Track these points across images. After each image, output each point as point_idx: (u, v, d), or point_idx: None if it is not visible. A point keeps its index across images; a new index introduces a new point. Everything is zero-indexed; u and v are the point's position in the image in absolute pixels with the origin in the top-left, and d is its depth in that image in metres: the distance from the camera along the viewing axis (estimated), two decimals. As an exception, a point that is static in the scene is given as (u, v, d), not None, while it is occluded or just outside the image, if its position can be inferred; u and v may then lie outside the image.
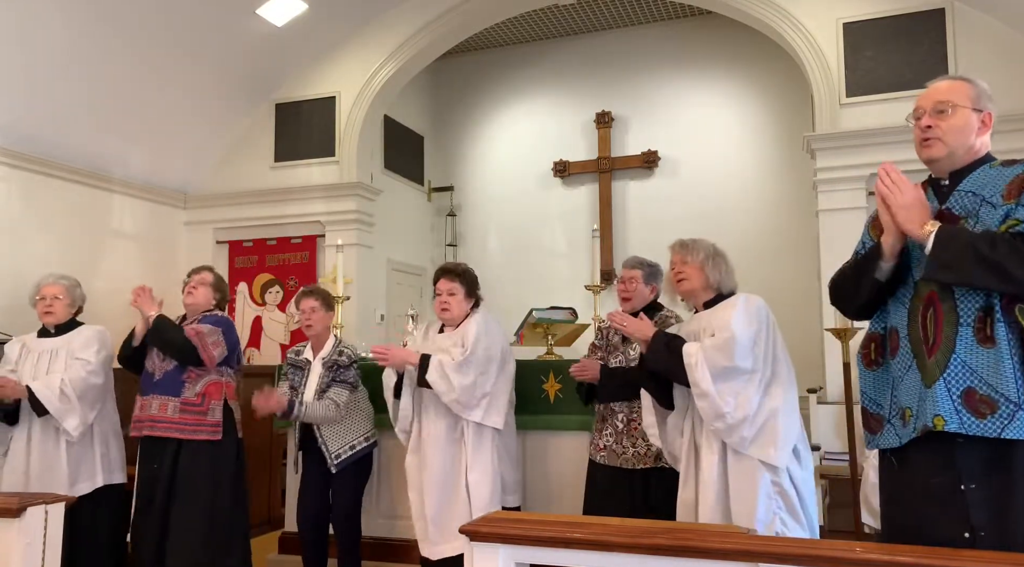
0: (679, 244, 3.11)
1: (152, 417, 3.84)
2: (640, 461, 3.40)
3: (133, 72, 6.23)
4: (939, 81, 2.20)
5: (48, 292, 4.01)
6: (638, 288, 3.59)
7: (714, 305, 3.02)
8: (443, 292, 3.73)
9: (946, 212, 2.08)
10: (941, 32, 5.78)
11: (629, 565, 1.86)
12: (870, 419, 2.19)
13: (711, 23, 8.03)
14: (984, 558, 1.67)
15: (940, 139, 2.11)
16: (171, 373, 3.88)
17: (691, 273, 3.03)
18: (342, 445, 3.99)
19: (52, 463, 3.85)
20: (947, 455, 1.97)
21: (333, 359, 4.06)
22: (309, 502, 4.07)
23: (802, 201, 7.27)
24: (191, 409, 3.85)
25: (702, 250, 3.04)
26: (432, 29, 7.09)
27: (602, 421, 3.57)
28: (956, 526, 1.93)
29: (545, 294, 6.70)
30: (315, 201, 7.23)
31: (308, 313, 4.09)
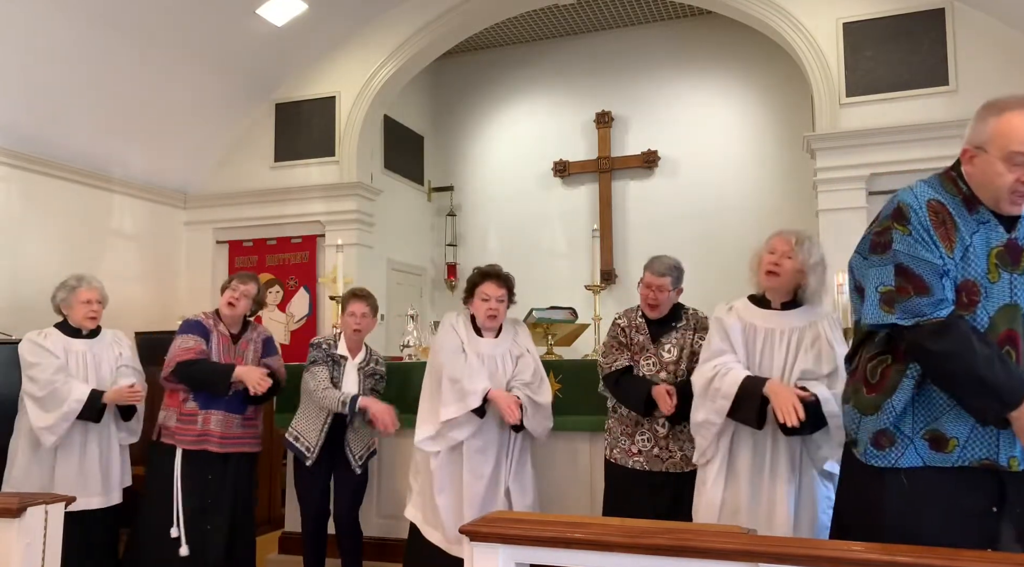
0: (795, 237, 2.91)
1: (223, 434, 3.90)
2: (689, 464, 3.30)
3: (133, 72, 6.23)
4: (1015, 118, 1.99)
5: (92, 296, 4.03)
6: (668, 297, 3.44)
7: (793, 307, 2.93)
8: (492, 298, 3.59)
9: (1014, 242, 2.01)
10: (941, 32, 5.78)
11: (629, 565, 1.86)
12: (880, 435, 2.09)
13: (711, 23, 8.03)
14: (984, 558, 1.67)
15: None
16: (240, 392, 3.93)
17: (788, 271, 2.88)
18: (363, 447, 4.04)
19: (110, 465, 3.99)
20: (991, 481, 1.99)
21: (372, 367, 4.09)
22: (311, 501, 4.07)
23: (802, 201, 7.27)
24: (250, 424, 4.02)
25: (816, 254, 2.89)
26: (432, 29, 7.09)
27: (635, 425, 3.44)
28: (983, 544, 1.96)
29: (545, 294, 6.68)
30: (315, 201, 7.23)
31: (359, 318, 4.03)
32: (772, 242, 2.94)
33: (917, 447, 2.05)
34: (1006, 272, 1.99)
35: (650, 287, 3.44)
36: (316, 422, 3.97)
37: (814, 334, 2.85)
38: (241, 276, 4.14)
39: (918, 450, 2.05)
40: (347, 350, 4.07)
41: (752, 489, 2.85)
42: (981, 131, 2.01)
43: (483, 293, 3.61)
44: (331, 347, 4.07)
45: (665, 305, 3.46)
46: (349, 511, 4.06)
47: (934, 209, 2.01)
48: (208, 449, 3.86)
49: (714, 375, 2.89)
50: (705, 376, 2.93)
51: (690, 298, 3.71)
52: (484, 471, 3.49)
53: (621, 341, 3.54)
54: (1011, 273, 1.99)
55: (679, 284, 3.49)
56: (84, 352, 3.98)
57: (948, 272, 1.98)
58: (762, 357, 2.91)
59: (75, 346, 3.98)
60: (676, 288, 3.48)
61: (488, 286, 3.60)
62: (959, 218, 2.01)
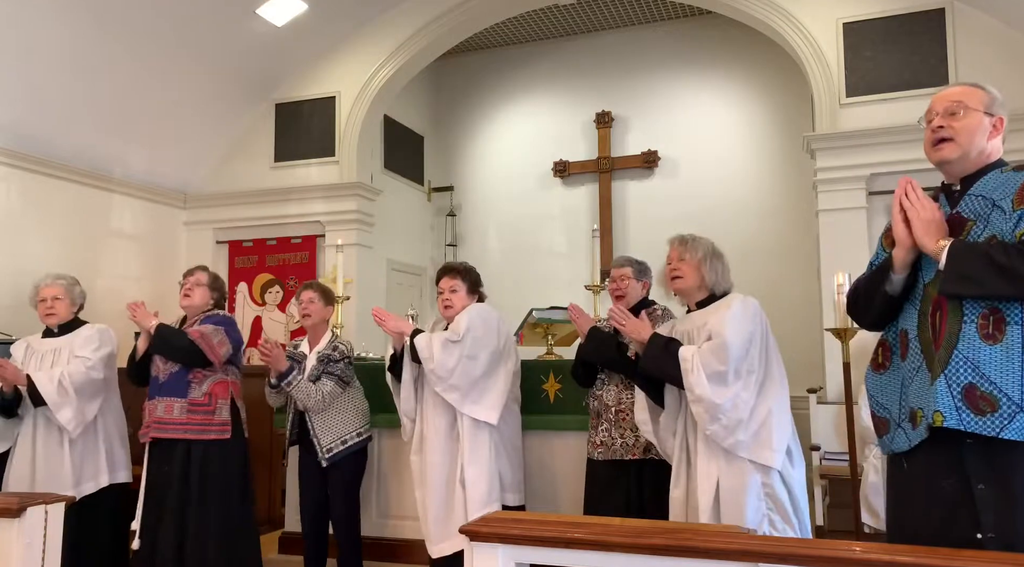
0: (678, 240, 3.09)
1: (159, 420, 3.85)
2: (628, 452, 3.44)
3: (133, 72, 6.23)
4: (952, 86, 2.22)
5: (47, 293, 4.01)
6: (631, 285, 3.63)
7: (707, 304, 3.01)
8: (445, 290, 3.77)
9: (957, 216, 2.09)
10: (941, 32, 5.78)
11: (629, 565, 1.86)
12: (878, 422, 2.20)
13: (711, 23, 8.03)
14: (984, 558, 1.67)
15: (953, 140, 2.11)
16: (176, 374, 3.88)
17: (687, 271, 3.02)
18: (333, 439, 4.01)
19: (57, 463, 3.85)
20: (956, 456, 1.97)
21: (326, 353, 4.10)
22: (308, 499, 4.09)
23: (802, 201, 7.27)
24: (199, 409, 3.86)
25: (701, 249, 3.01)
26: (432, 29, 7.09)
27: (597, 417, 3.58)
28: (967, 529, 1.93)
29: (545, 294, 6.69)
30: (315, 201, 7.23)
31: (306, 304, 4.17)
32: (668, 255, 3.12)
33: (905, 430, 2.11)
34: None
35: (613, 279, 3.68)
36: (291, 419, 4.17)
37: (709, 324, 2.92)
38: (189, 270, 4.15)
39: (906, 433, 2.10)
40: (308, 345, 4.20)
41: (691, 485, 2.92)
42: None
43: (439, 287, 3.82)
44: (295, 348, 4.23)
45: (631, 295, 3.62)
46: (340, 508, 4.06)
47: None
48: (155, 437, 3.85)
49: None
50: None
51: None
52: (435, 459, 3.63)
53: None
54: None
55: (643, 277, 3.67)
56: (51, 350, 3.98)
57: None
58: None
59: (43, 346, 4.00)
60: (641, 280, 3.66)
61: (443, 280, 3.81)
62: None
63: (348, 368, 4.12)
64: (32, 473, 3.85)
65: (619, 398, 3.50)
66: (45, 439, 3.88)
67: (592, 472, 3.62)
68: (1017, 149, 5.24)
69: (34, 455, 3.87)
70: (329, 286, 4.96)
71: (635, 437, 3.42)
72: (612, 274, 3.70)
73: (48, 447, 3.87)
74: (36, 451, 3.87)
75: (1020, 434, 1.88)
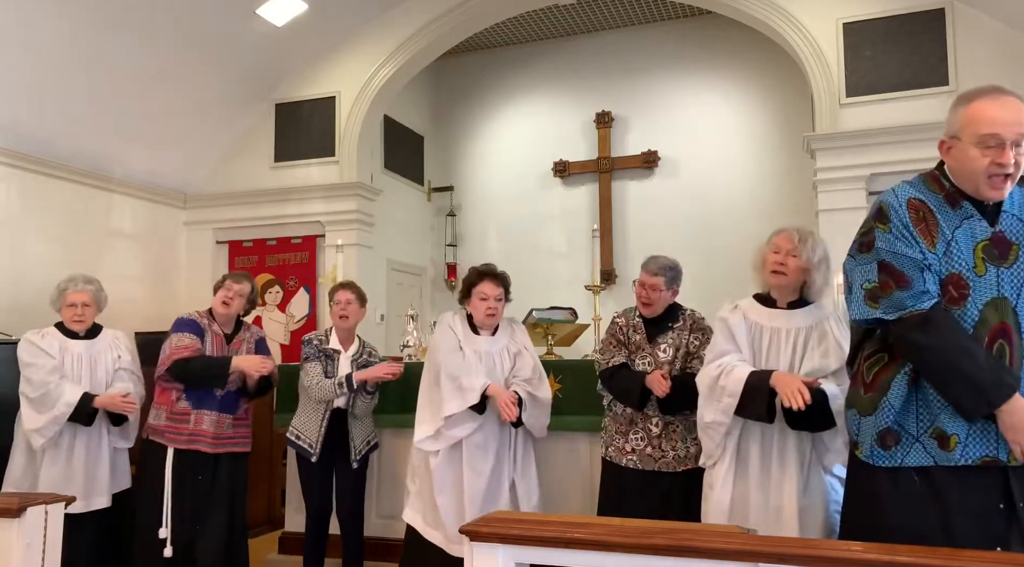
0: (797, 234, 2.85)
1: (215, 434, 3.86)
2: (681, 464, 3.34)
3: (133, 72, 6.23)
4: (1013, 102, 2.00)
5: (78, 299, 3.98)
6: (661, 296, 3.45)
7: (799, 306, 2.89)
8: (490, 297, 3.61)
9: (1001, 236, 2.03)
10: (941, 32, 5.78)
11: (629, 565, 1.86)
12: (886, 434, 2.11)
13: (711, 23, 8.03)
14: (984, 558, 1.66)
15: (1013, 177, 2.00)
16: (232, 393, 3.93)
17: (794, 269, 2.83)
18: (363, 441, 4.06)
19: (97, 470, 3.92)
20: (1000, 478, 1.99)
21: (366, 359, 4.10)
22: (316, 497, 4.08)
23: (802, 201, 7.27)
24: (241, 424, 3.99)
25: (820, 250, 2.84)
26: (432, 29, 7.09)
27: (628, 424, 3.46)
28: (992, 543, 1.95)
29: (545, 294, 6.69)
30: (315, 201, 7.23)
31: (344, 305, 4.09)
32: (776, 240, 2.90)
33: (926, 445, 2.06)
34: (992, 265, 2.01)
35: (644, 286, 3.47)
36: (315, 418, 3.99)
37: (821, 332, 2.82)
38: (235, 275, 4.13)
39: (927, 448, 2.06)
40: (339, 343, 4.11)
41: (760, 491, 2.82)
42: (954, 121, 2.07)
43: (481, 292, 3.62)
44: (323, 342, 4.10)
45: (659, 304, 3.47)
46: (351, 507, 4.07)
47: (914, 207, 2.06)
48: (199, 449, 3.83)
49: (719, 374, 2.85)
50: (710, 375, 2.89)
51: (690, 297, 3.71)
52: (484, 468, 3.50)
53: (619, 339, 3.56)
54: (998, 266, 2.01)
55: (674, 284, 3.50)
56: (81, 354, 3.96)
57: (930, 266, 2.03)
58: (768, 356, 2.88)
59: (72, 347, 3.96)
60: (671, 288, 3.49)
61: (486, 285, 3.62)
62: (940, 214, 2.05)
63: None
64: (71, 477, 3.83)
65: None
66: (96, 447, 3.92)
67: (615, 478, 3.48)
68: (1017, 149, 5.26)
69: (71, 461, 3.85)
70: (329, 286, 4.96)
71: (686, 448, 3.32)
72: (642, 279, 3.49)
73: (97, 455, 3.92)
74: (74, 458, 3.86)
75: None
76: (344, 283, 4.28)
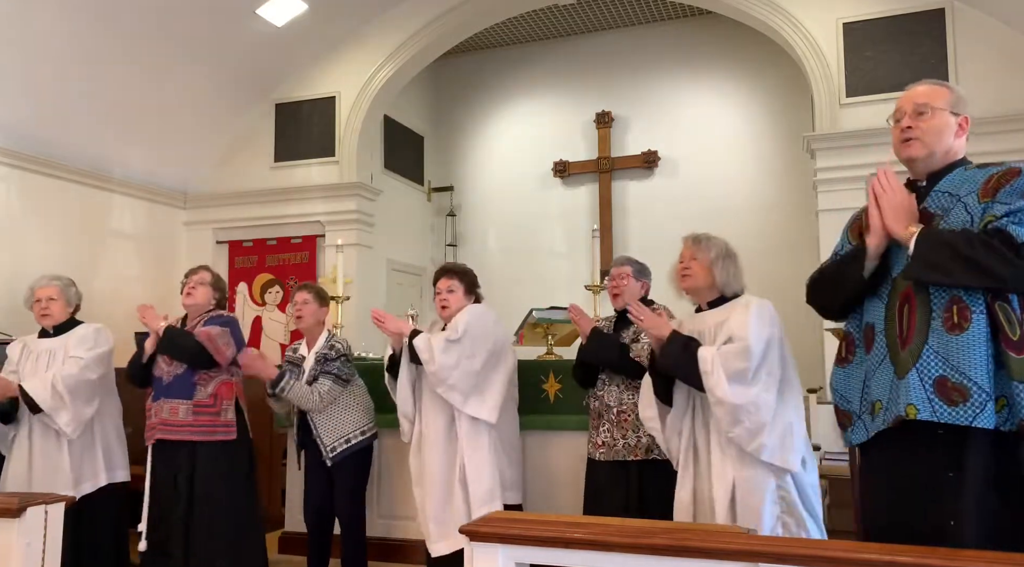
0: (692, 238, 3.04)
1: (165, 421, 3.85)
2: (631, 452, 3.43)
3: (133, 72, 6.23)
4: (918, 85, 2.27)
5: (42, 294, 3.99)
6: (629, 284, 3.62)
7: (718, 305, 2.99)
8: (442, 290, 3.79)
9: (923, 211, 2.14)
10: (941, 32, 5.78)
11: (629, 565, 1.86)
12: (841, 415, 2.26)
13: (711, 23, 8.03)
14: (984, 558, 1.67)
15: (919, 139, 2.18)
16: (181, 376, 3.88)
17: (698, 270, 2.97)
18: (336, 438, 3.99)
19: (55, 464, 3.83)
20: (925, 446, 2.01)
21: (323, 352, 4.09)
22: (313, 498, 4.08)
23: (802, 201, 7.27)
24: (205, 411, 3.87)
25: (714, 248, 2.97)
26: (432, 29, 7.09)
27: (598, 417, 3.57)
28: (941, 516, 1.96)
29: (545, 294, 6.68)
30: (315, 201, 7.23)
31: (300, 305, 4.16)
32: (680, 253, 3.07)
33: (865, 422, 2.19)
34: None
35: (612, 277, 3.67)
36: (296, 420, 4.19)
37: (728, 324, 2.89)
38: (192, 269, 4.16)
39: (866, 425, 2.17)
40: (306, 347, 4.19)
41: (709, 488, 2.88)
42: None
43: (436, 287, 3.85)
44: (295, 352, 4.22)
45: (628, 294, 3.59)
46: (347, 507, 4.05)
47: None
48: (160, 439, 3.86)
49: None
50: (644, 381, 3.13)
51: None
52: (434, 459, 3.65)
53: None
54: None
55: (642, 276, 3.67)
56: (46, 351, 3.96)
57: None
58: None
59: (39, 346, 3.99)
60: (639, 280, 3.65)
61: (440, 281, 3.84)
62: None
63: (346, 365, 4.10)
64: (29, 474, 3.83)
65: (620, 398, 3.50)
66: (43, 440, 3.85)
67: (592, 472, 3.61)
68: (1017, 149, 5.25)
69: (31, 456, 3.85)
70: (328, 286, 4.97)
71: (637, 438, 3.42)
72: (611, 272, 3.70)
73: (46, 448, 3.85)
74: (33, 452, 3.85)
75: (991, 422, 1.92)
76: (302, 284, 4.37)
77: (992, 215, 1.98)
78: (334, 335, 4.25)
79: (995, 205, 1.99)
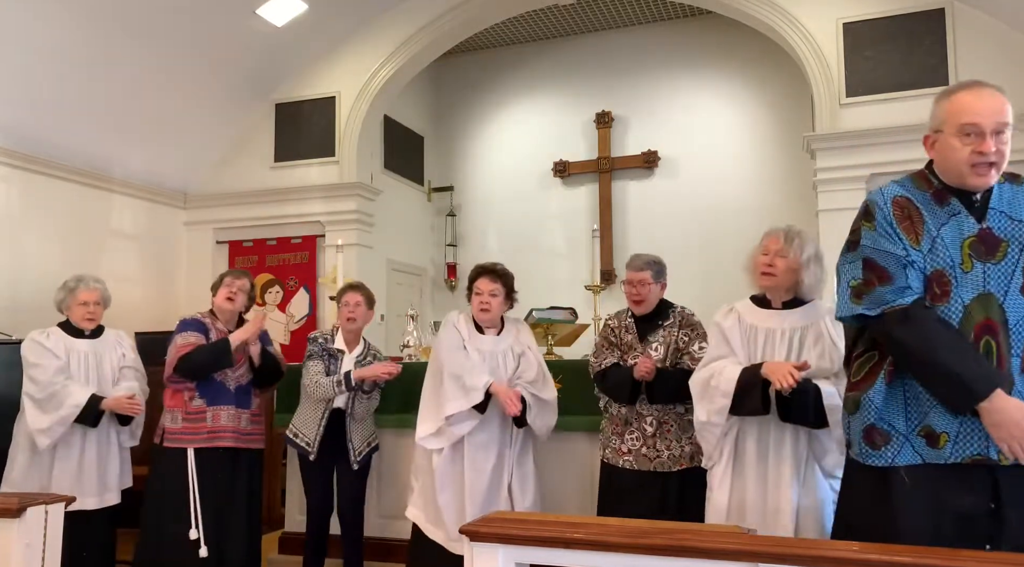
0: (783, 234, 2.84)
1: (235, 429, 3.89)
2: (676, 463, 3.35)
3: (133, 72, 6.23)
4: (991, 93, 2.04)
5: (90, 298, 3.99)
6: (651, 290, 3.47)
7: (794, 306, 2.87)
8: (484, 292, 3.65)
9: (988, 232, 2.03)
10: (941, 32, 5.78)
11: (629, 565, 1.86)
12: (875, 433, 2.11)
13: (711, 23, 8.03)
14: (984, 558, 1.67)
15: (998, 165, 2.01)
16: (245, 387, 3.97)
17: (783, 270, 2.81)
18: (362, 442, 4.04)
19: (108, 466, 3.94)
20: (988, 479, 1.98)
21: (370, 361, 4.08)
22: (316, 500, 4.08)
23: (802, 201, 7.26)
24: (257, 420, 4.02)
25: (806, 248, 2.81)
26: (432, 29, 7.09)
27: (624, 424, 3.47)
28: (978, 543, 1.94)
29: (545, 294, 6.69)
30: (315, 201, 7.23)
31: (352, 307, 4.09)
32: (765, 242, 2.91)
33: (914, 444, 2.06)
34: (979, 262, 2.02)
35: (632, 283, 3.50)
36: (314, 417, 3.99)
37: (816, 332, 2.81)
38: (234, 272, 4.17)
39: (915, 447, 2.06)
40: (344, 344, 4.10)
41: (757, 491, 2.82)
42: (936, 116, 2.10)
43: (477, 288, 3.68)
44: (328, 341, 4.10)
45: (650, 300, 3.49)
46: (351, 507, 4.07)
47: (900, 205, 2.10)
48: (220, 446, 3.85)
49: (711, 376, 2.87)
50: (702, 378, 2.92)
51: (689, 297, 3.72)
52: (485, 467, 3.51)
53: (611, 341, 3.59)
54: (984, 263, 2.02)
55: (661, 278, 3.52)
56: (87, 353, 3.96)
57: (914, 263, 2.05)
58: (764, 357, 2.87)
59: (77, 346, 3.96)
60: (659, 282, 3.51)
61: (481, 281, 3.67)
62: (927, 212, 2.08)
63: None
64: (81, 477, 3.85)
65: (663, 409, 3.39)
66: (96, 448, 3.91)
67: (613, 479, 3.49)
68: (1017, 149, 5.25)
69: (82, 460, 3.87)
70: (329, 286, 4.97)
71: (681, 448, 3.34)
72: (629, 277, 3.51)
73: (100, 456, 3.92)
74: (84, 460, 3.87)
75: None
76: (353, 284, 4.27)
77: None
78: (369, 343, 4.23)
79: None
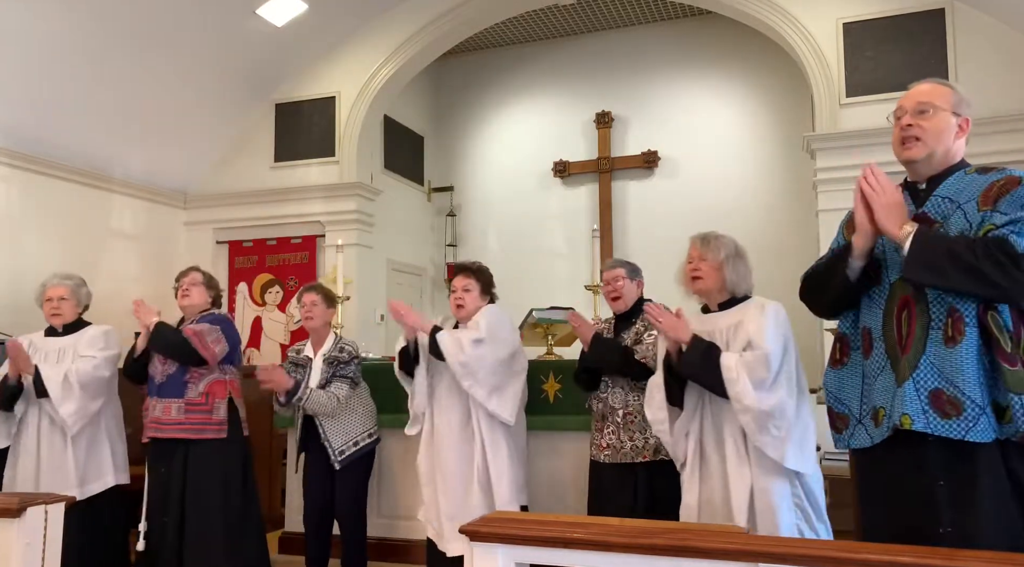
0: (700, 239, 2.97)
1: (157, 420, 3.86)
2: (639, 454, 3.41)
3: (133, 72, 6.23)
4: (921, 83, 2.22)
5: (54, 293, 4.00)
6: (625, 285, 3.60)
7: (729, 306, 2.94)
8: (458, 288, 3.75)
9: (923, 215, 2.11)
10: (941, 32, 5.78)
11: (629, 565, 1.86)
12: (836, 418, 2.25)
13: (711, 23, 8.03)
14: (984, 558, 1.67)
15: (920, 139, 2.13)
16: (174, 375, 3.89)
17: (708, 272, 2.91)
18: (345, 441, 4.00)
19: (60, 463, 3.85)
20: (920, 454, 2.01)
21: (334, 355, 4.08)
22: (314, 499, 4.07)
23: (802, 201, 7.27)
24: (196, 409, 3.87)
25: (723, 248, 2.91)
26: (432, 29, 7.09)
27: (602, 419, 3.55)
28: (932, 524, 1.97)
29: (545, 294, 6.69)
30: (315, 201, 7.23)
31: (309, 306, 4.13)
32: (688, 252, 3.01)
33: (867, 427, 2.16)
34: None
35: (607, 282, 3.64)
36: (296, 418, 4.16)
37: (744, 328, 2.86)
38: (182, 272, 4.18)
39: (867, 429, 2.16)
40: (312, 348, 4.16)
41: (721, 491, 2.85)
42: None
43: (452, 285, 3.83)
44: (299, 353, 4.20)
45: (627, 297, 3.61)
46: (345, 507, 4.05)
47: None
48: (153, 437, 3.88)
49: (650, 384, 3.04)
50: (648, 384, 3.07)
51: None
52: (450, 456, 3.61)
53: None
54: None
55: (636, 276, 3.65)
56: (57, 350, 3.97)
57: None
58: None
59: (48, 345, 3.99)
60: (634, 280, 3.63)
61: (456, 279, 3.81)
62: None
63: (357, 368, 4.12)
64: (37, 472, 3.84)
65: (626, 401, 3.47)
66: (49, 438, 3.87)
67: (596, 474, 3.58)
68: (1017, 149, 5.25)
69: (39, 454, 3.86)
70: (329, 286, 4.97)
71: (644, 439, 3.40)
72: (604, 277, 3.69)
73: (52, 446, 3.86)
74: (40, 451, 3.87)
75: (984, 436, 1.92)
76: (310, 285, 4.34)
77: (992, 224, 1.96)
78: (341, 337, 4.25)
79: (995, 215, 1.97)
